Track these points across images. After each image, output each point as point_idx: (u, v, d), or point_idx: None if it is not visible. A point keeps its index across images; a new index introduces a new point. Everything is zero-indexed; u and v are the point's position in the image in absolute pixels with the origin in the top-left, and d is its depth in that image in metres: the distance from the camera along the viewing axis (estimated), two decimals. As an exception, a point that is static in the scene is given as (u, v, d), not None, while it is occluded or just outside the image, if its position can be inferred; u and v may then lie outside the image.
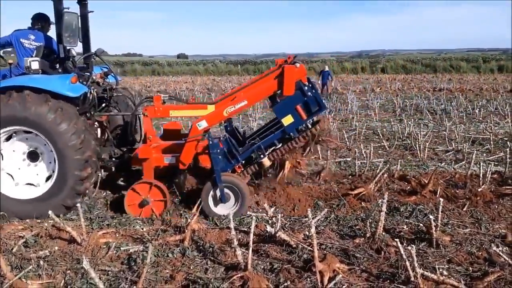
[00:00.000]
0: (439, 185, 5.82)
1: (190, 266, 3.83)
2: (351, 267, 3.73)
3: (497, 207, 5.24)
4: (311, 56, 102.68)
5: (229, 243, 4.13)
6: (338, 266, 3.64)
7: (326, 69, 21.39)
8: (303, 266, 3.73)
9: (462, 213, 5.08)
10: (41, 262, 3.78)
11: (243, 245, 4.00)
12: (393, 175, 6.48)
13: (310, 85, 5.13)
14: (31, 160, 5.19)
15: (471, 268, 3.75)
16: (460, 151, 8.30)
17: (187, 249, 4.09)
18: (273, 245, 4.16)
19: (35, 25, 5.84)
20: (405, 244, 3.92)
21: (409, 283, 3.39)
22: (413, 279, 3.36)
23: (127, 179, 6.11)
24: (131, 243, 4.33)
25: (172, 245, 4.22)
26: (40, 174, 5.19)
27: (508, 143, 8.56)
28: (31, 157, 5.18)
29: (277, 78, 5.10)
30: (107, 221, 4.91)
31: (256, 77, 5.65)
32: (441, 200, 4.41)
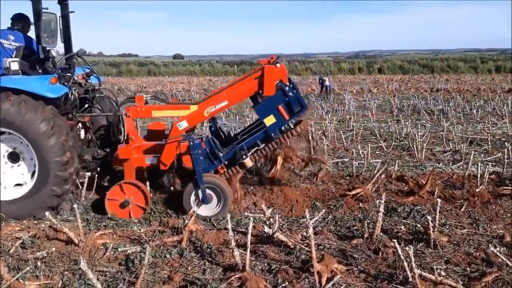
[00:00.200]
0: (436, 186, 5.84)
1: (188, 267, 3.83)
2: (349, 268, 3.73)
3: (494, 207, 5.26)
4: (308, 56, 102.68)
5: (227, 244, 4.12)
6: (336, 266, 3.64)
7: (326, 82, 20.14)
8: (301, 266, 3.73)
9: (459, 214, 5.10)
10: (39, 263, 3.77)
11: (241, 246, 4.00)
12: (391, 176, 6.49)
13: (291, 85, 5.14)
14: (13, 161, 5.13)
15: (469, 268, 3.76)
16: (457, 152, 8.30)
17: (184, 250, 4.09)
18: (271, 246, 4.15)
19: (15, 26, 5.76)
20: (403, 244, 3.93)
21: (407, 284, 3.40)
22: (411, 279, 3.37)
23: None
24: (129, 244, 4.32)
25: (169, 246, 4.21)
26: (25, 172, 5.14)
27: (505, 143, 8.57)
28: (12, 158, 5.13)
29: (257, 78, 5.10)
30: (104, 222, 4.90)
31: (239, 78, 5.66)
32: (438, 200, 4.41)
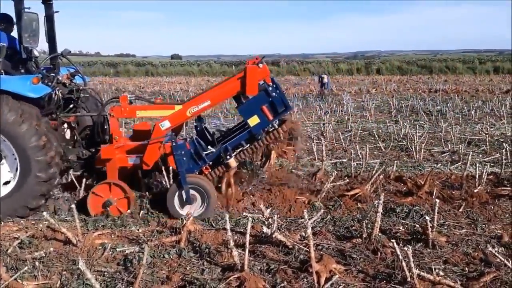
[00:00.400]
0: (435, 186, 5.84)
1: (186, 267, 3.82)
2: (348, 268, 3.74)
3: (493, 208, 5.27)
4: (307, 57, 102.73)
5: (225, 244, 4.11)
6: (334, 266, 3.64)
7: (325, 80, 21.95)
8: (299, 266, 3.73)
9: (458, 214, 5.10)
10: (37, 263, 3.76)
11: (240, 246, 3.99)
12: (389, 176, 6.50)
13: (274, 86, 5.14)
14: None
15: (467, 268, 3.77)
16: (456, 152, 8.32)
17: (183, 250, 4.08)
18: (270, 246, 4.15)
19: None
20: (401, 244, 3.93)
21: (405, 284, 3.40)
22: (409, 279, 3.37)
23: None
24: (127, 244, 4.31)
25: (168, 246, 4.20)
26: (10, 169, 5.05)
27: (503, 144, 8.60)
28: None
29: (240, 79, 5.11)
30: (102, 222, 4.88)
31: (225, 78, 5.67)
32: (437, 201, 4.42)
